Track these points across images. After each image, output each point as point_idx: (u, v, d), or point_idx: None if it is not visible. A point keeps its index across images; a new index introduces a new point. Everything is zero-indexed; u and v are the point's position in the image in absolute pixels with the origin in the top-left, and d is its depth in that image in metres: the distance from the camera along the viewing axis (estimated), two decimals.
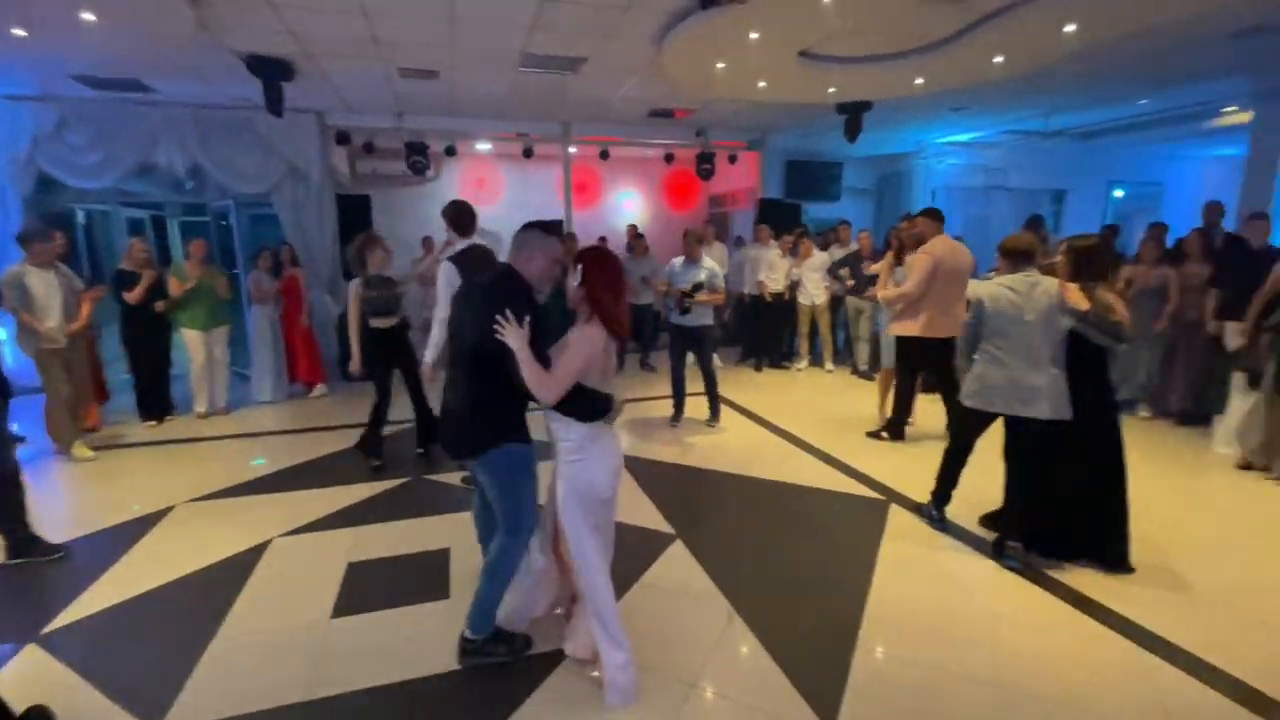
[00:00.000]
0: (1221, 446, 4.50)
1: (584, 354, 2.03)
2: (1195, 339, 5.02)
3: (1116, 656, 2.38)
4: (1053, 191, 10.62)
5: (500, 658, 2.34)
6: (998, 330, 2.95)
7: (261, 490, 4.02)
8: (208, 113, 6.59)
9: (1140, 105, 7.27)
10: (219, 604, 2.75)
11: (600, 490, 2.13)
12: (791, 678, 2.25)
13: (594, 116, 7.74)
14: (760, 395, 6.26)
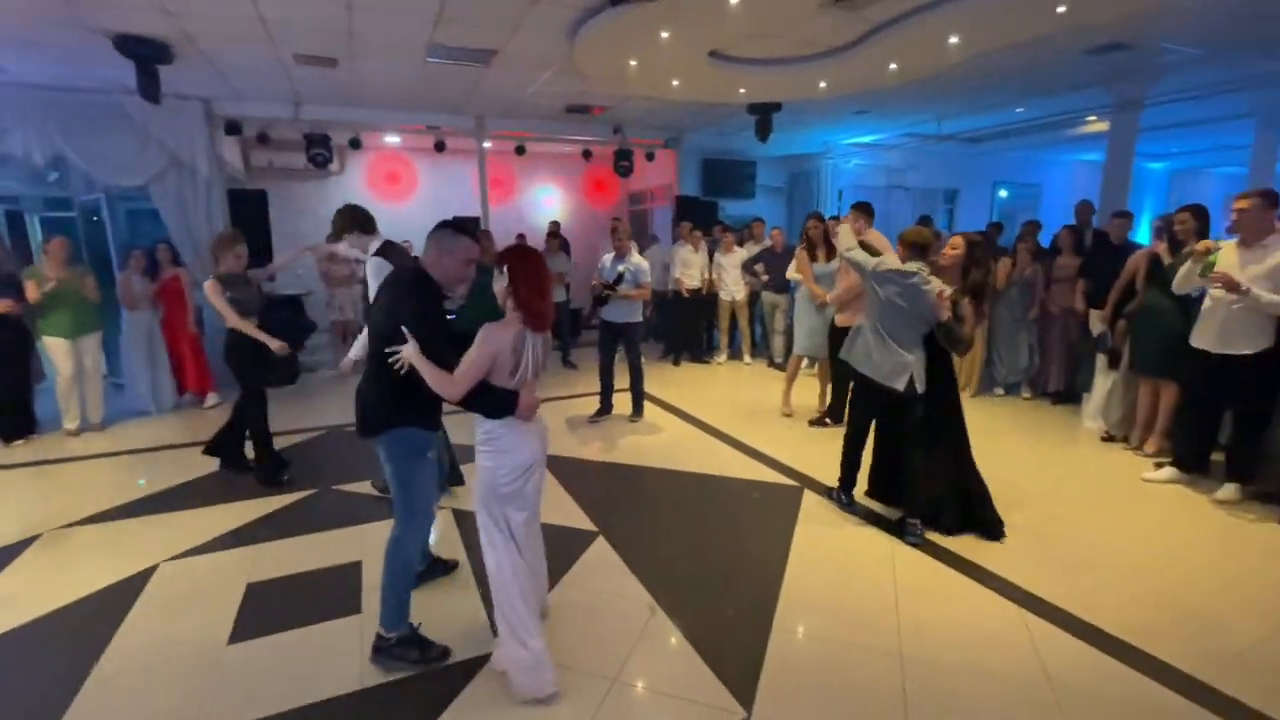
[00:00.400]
0: (1088, 421, 5.00)
1: (488, 351, 2.03)
2: (1067, 325, 5.56)
3: (1004, 619, 2.60)
4: (946, 191, 11.42)
5: (407, 665, 2.28)
6: (881, 310, 3.26)
7: (144, 512, 3.68)
8: (71, 96, 5.92)
9: (1017, 113, 7.94)
10: (97, 637, 2.49)
11: (500, 484, 2.13)
12: (712, 665, 2.31)
13: (509, 111, 7.58)
14: (681, 389, 6.36)
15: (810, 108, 7.14)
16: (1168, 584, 2.83)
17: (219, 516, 3.57)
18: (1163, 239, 4.34)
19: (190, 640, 2.48)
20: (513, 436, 2.14)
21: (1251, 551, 3.11)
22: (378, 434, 2.25)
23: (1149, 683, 2.21)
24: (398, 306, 2.15)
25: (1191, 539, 3.24)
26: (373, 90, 6.58)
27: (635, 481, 4.12)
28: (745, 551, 3.17)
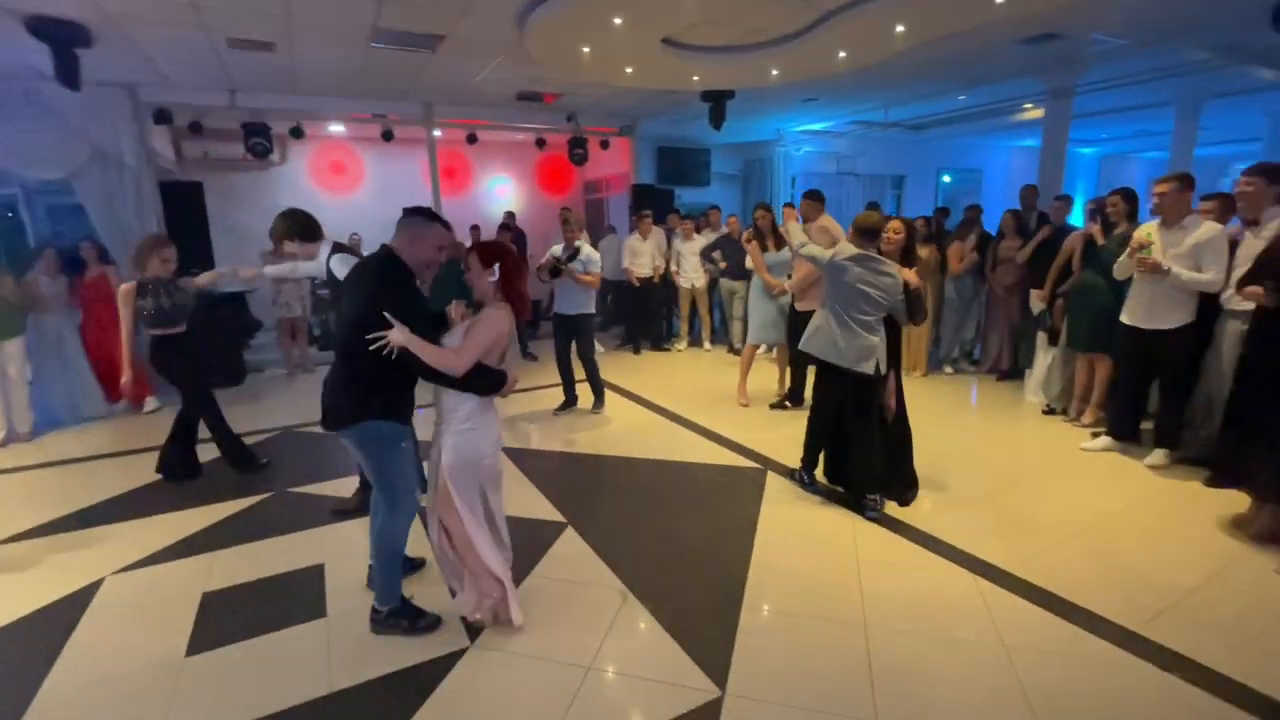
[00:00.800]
0: (1030, 396, 5.26)
1: (493, 333, 2.20)
2: (1010, 305, 5.82)
3: (954, 584, 2.73)
4: (894, 177, 11.75)
5: (398, 630, 2.42)
6: (842, 298, 3.30)
7: (84, 525, 3.49)
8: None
9: (959, 100, 8.22)
10: (41, 655, 2.36)
11: (486, 457, 2.30)
12: (685, 647, 2.35)
13: (458, 98, 7.40)
14: (642, 377, 6.40)
15: (762, 95, 7.22)
16: (1106, 544, 3.02)
17: (167, 525, 3.42)
18: (1096, 221, 4.58)
19: (145, 654, 2.38)
20: (489, 416, 2.31)
21: (1179, 512, 3.34)
22: (346, 427, 2.27)
23: (1090, 637, 2.36)
24: (379, 292, 2.17)
25: (1126, 503, 3.46)
26: (314, 77, 6.32)
27: (600, 471, 4.13)
28: (712, 534, 3.23)
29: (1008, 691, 2.10)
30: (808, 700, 2.08)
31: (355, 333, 2.12)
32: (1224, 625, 2.41)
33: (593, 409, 5.25)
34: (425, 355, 2.10)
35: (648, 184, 9.27)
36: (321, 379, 2.40)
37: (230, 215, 8.22)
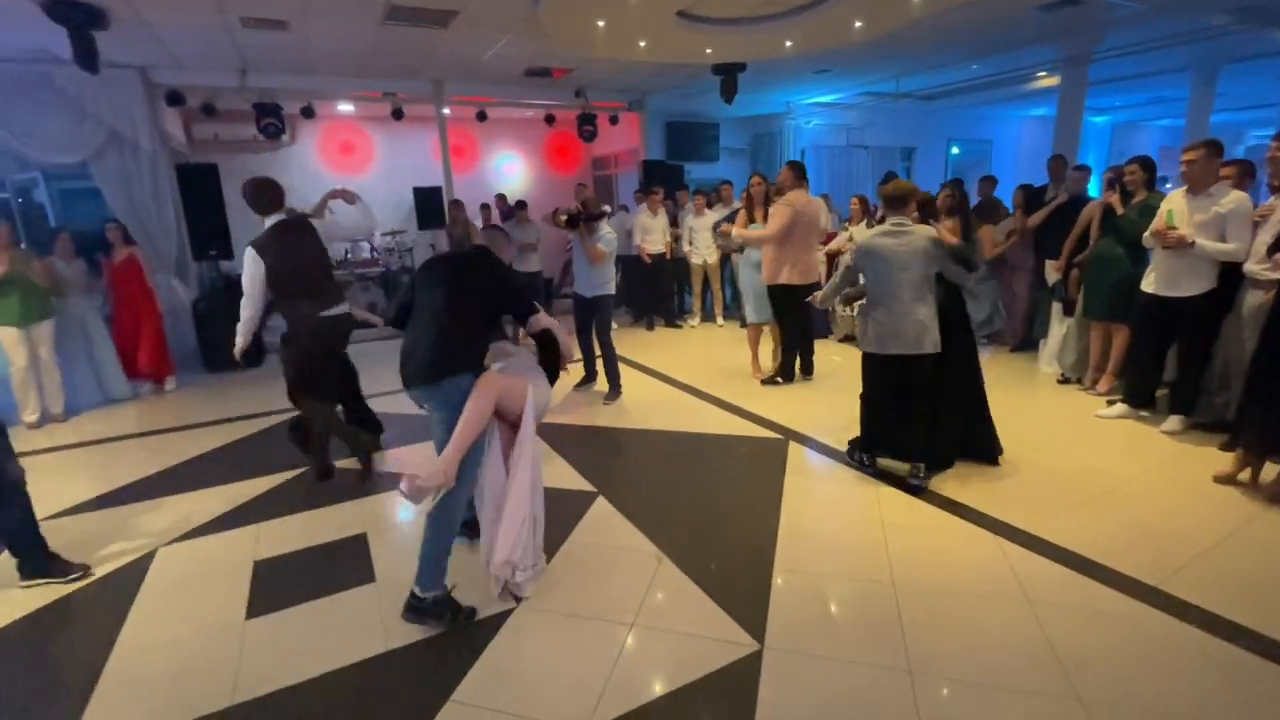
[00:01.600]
0: (1045, 366, 5.32)
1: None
2: (1022, 276, 5.84)
3: (978, 545, 2.82)
4: (903, 148, 11.65)
5: (435, 626, 2.34)
6: (883, 278, 3.22)
7: (129, 500, 3.60)
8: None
9: (972, 70, 8.12)
10: (107, 624, 2.48)
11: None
12: (722, 604, 2.45)
13: (467, 75, 7.37)
14: (658, 353, 6.47)
15: (773, 68, 7.15)
16: (1125, 506, 3.10)
17: (210, 500, 3.53)
18: (1114, 190, 4.58)
19: (207, 618, 2.50)
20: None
21: (1196, 474, 3.42)
22: (434, 382, 2.40)
23: (1112, 592, 2.45)
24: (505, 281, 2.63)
25: (1143, 467, 3.54)
26: (324, 56, 6.30)
27: (625, 443, 4.22)
28: (740, 501, 3.32)
29: (1034, 641, 2.20)
30: (844, 651, 2.19)
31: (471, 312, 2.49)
32: (1242, 580, 2.50)
33: (606, 398, 5.01)
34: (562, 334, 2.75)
35: (657, 160, 9.23)
36: None
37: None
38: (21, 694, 2.16)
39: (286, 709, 2.04)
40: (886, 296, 3.24)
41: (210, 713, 2.02)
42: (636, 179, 9.09)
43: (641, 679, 2.11)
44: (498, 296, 2.57)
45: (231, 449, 4.35)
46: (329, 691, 2.10)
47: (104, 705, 2.07)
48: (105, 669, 2.23)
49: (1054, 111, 7.38)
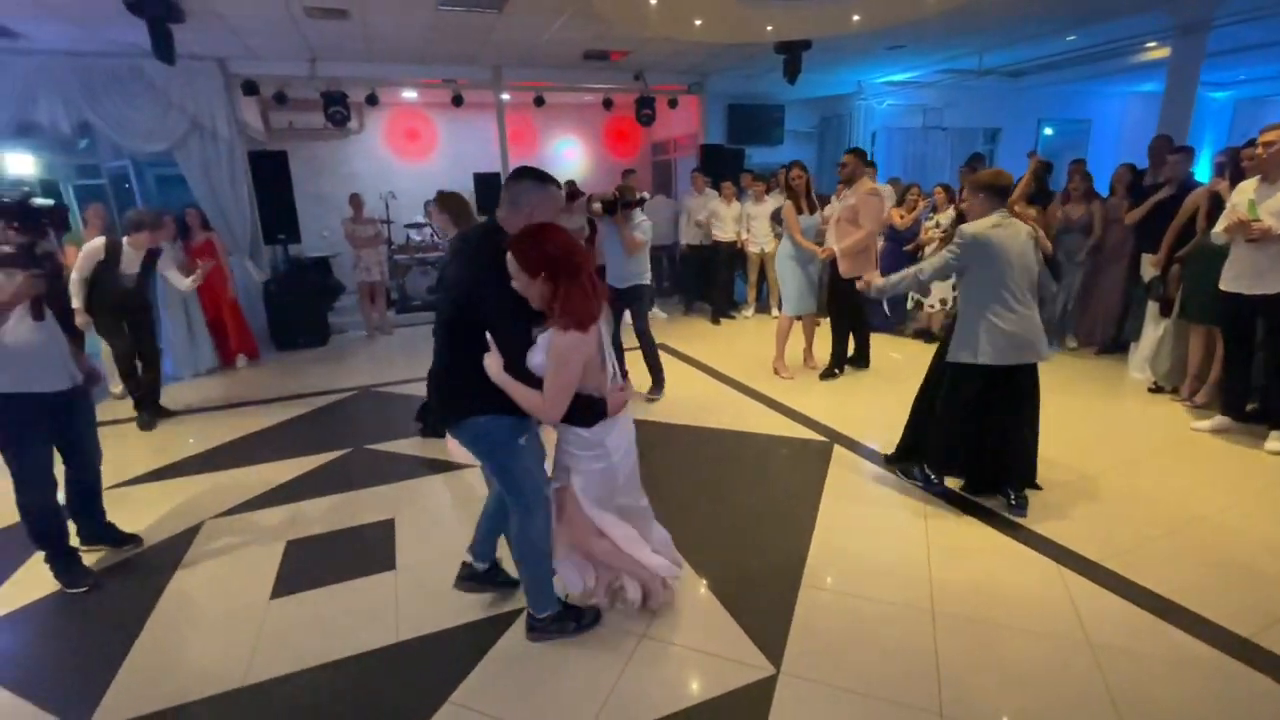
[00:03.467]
0: (1135, 372, 4.79)
1: (570, 369, 1.81)
2: (1115, 271, 5.27)
3: (1036, 574, 2.54)
4: (987, 130, 10.81)
5: (568, 634, 2.24)
6: (1000, 277, 2.81)
7: (189, 471, 3.81)
8: (91, 61, 5.90)
9: (1067, 42, 7.37)
10: (147, 593, 2.61)
11: (619, 481, 2.09)
12: (740, 622, 2.31)
13: (524, 60, 7.34)
14: (708, 345, 6.29)
15: (841, 45, 6.73)
16: (1214, 539, 2.72)
17: (258, 476, 3.68)
18: (1224, 175, 4.03)
19: (234, 595, 2.59)
20: (614, 434, 2.02)
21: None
22: (456, 424, 2.05)
23: (1193, 641, 2.14)
24: (475, 287, 1.90)
25: (1240, 492, 3.11)
26: (386, 43, 6.41)
27: (663, 438, 4.10)
28: (774, 507, 3.15)
29: (1092, 694, 1.94)
30: (865, 685, 2.00)
31: (453, 320, 1.96)
32: None
33: (649, 394, 4.73)
34: (518, 398, 1.85)
35: (717, 144, 8.94)
36: (399, 341, 2.42)
37: (313, 183, 8.60)
38: (59, 656, 2.30)
39: (289, 696, 2.07)
40: (1007, 298, 2.81)
41: (221, 692, 2.07)
42: (696, 163, 8.85)
43: (644, 696, 2.01)
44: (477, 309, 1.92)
45: (287, 426, 4.53)
46: (333, 680, 2.12)
47: (131, 677, 2.17)
48: (138, 640, 2.34)
49: (1163, 87, 6.60)
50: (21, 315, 2.36)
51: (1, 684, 2.14)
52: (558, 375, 1.80)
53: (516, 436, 2.02)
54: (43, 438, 2.52)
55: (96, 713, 2.00)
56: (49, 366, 2.46)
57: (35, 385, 2.41)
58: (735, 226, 7.23)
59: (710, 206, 7.29)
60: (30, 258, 2.29)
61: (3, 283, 2.31)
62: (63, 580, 2.63)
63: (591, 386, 1.91)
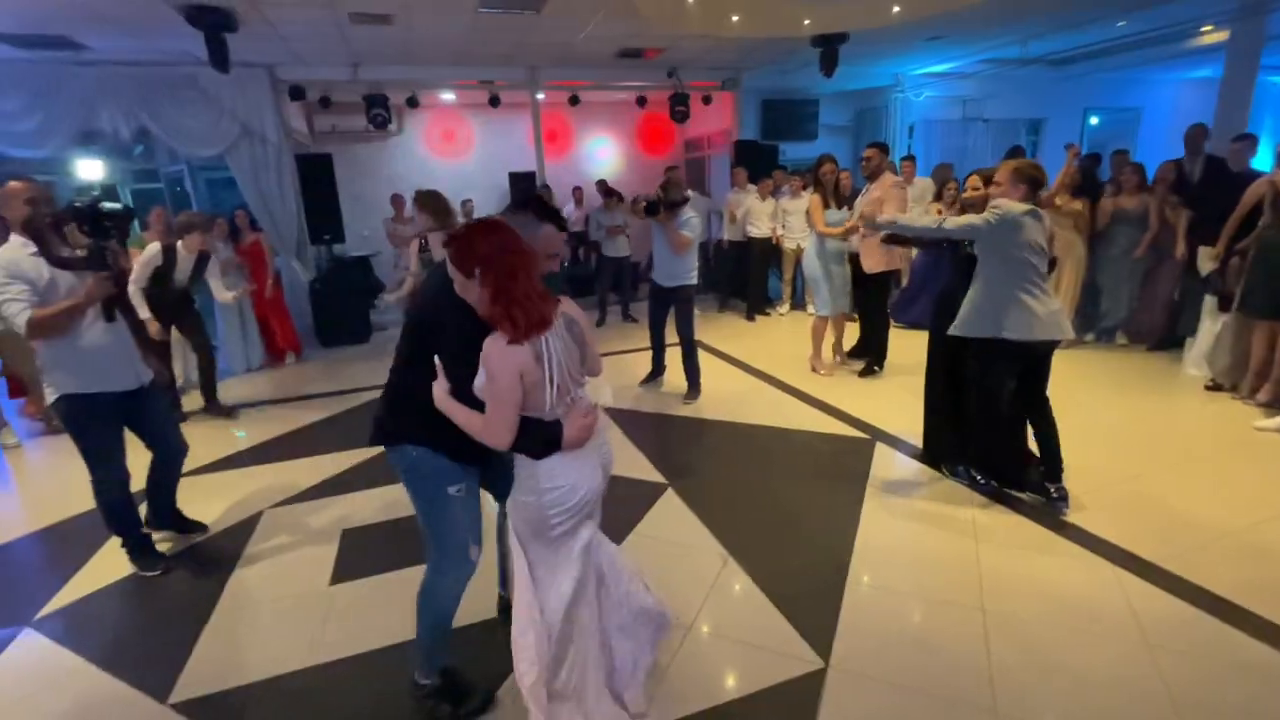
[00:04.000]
0: (1192, 369, 4.63)
1: (506, 375, 1.52)
2: (1168, 265, 5.09)
3: (1091, 574, 2.49)
4: (1030, 121, 10.52)
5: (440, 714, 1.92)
6: (1028, 260, 2.81)
7: (246, 464, 3.97)
8: (148, 71, 6.17)
9: (1117, 28, 7.13)
10: (215, 578, 2.74)
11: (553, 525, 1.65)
12: (787, 615, 2.33)
13: (560, 60, 7.41)
14: (743, 341, 6.28)
15: (879, 37, 6.63)
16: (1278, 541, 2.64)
17: (311, 468, 3.82)
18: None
19: (298, 581, 2.70)
20: (569, 469, 1.64)
21: None
22: (390, 446, 1.82)
23: (1256, 643, 2.08)
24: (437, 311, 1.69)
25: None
26: (425, 47, 6.55)
27: (701, 434, 4.12)
28: (816, 504, 3.14)
29: (1152, 696, 1.91)
30: (918, 681, 2.00)
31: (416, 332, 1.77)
32: None
33: (685, 398, 4.68)
34: (461, 423, 1.60)
35: (751, 140, 8.90)
36: None
37: (355, 184, 8.82)
38: (138, 635, 2.44)
39: (354, 675, 2.16)
40: (1036, 279, 2.83)
41: (291, 671, 2.17)
42: (729, 160, 8.82)
43: (696, 686, 2.04)
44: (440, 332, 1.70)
45: (338, 420, 4.68)
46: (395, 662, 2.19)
47: (205, 654, 2.29)
48: (210, 620, 2.47)
49: (1220, 73, 6.33)
50: (93, 318, 2.50)
51: (89, 659, 2.28)
52: (490, 389, 1.54)
53: (448, 483, 1.77)
54: (114, 435, 2.66)
55: (176, 687, 2.12)
56: (118, 367, 2.59)
57: (106, 385, 2.54)
58: (770, 222, 7.22)
59: (746, 202, 7.28)
60: (100, 261, 2.41)
61: (74, 286, 2.45)
62: (137, 564, 2.78)
63: (534, 407, 1.58)
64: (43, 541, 3.16)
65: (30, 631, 2.46)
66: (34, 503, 3.63)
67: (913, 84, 9.48)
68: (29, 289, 2.34)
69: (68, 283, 2.44)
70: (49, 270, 2.40)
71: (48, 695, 2.13)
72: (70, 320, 2.41)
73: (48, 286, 2.39)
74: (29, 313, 2.32)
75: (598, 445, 1.72)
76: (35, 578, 2.86)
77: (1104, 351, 5.34)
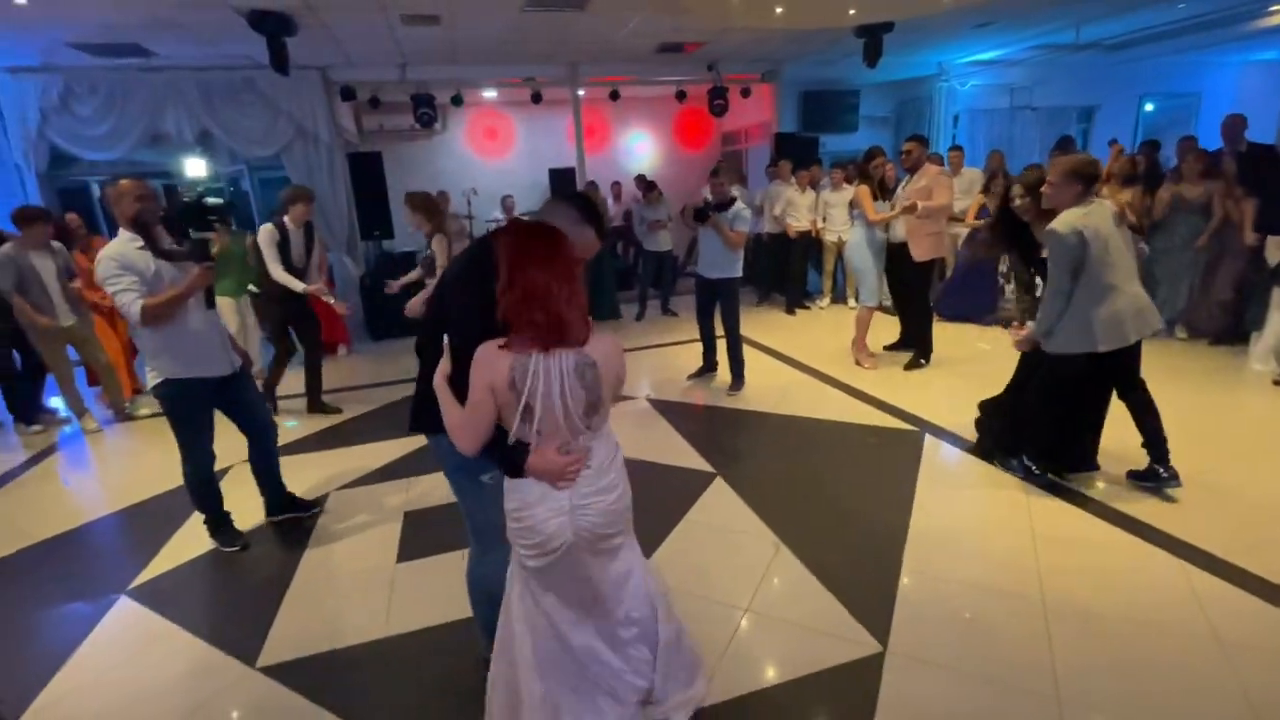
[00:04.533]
0: (1258, 364, 4.46)
1: (479, 379, 1.45)
2: (1231, 256, 4.91)
3: (1154, 566, 2.45)
4: (1081, 109, 10.18)
5: None
6: (1104, 261, 2.74)
7: (310, 449, 4.15)
8: (209, 75, 6.45)
9: (1178, 10, 6.85)
10: (291, 554, 2.90)
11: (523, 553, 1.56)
12: (842, 600, 2.35)
13: (601, 56, 7.48)
14: (785, 335, 6.27)
15: (924, 24, 6.51)
16: None
17: (372, 454, 3.97)
18: None
19: (366, 558, 2.84)
20: (531, 503, 1.51)
21: None
22: (428, 436, 1.80)
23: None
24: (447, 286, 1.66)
25: None
26: (470, 46, 6.68)
27: (747, 426, 4.15)
28: (866, 494, 3.15)
29: (1226, 692, 1.88)
30: (979, 667, 2.01)
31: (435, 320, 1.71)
32: None
33: (730, 389, 4.71)
34: (443, 408, 1.54)
35: (790, 132, 8.83)
36: None
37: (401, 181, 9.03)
38: (223, 604, 2.61)
39: (425, 647, 2.27)
40: (1111, 279, 2.76)
41: (366, 641, 2.30)
42: (768, 153, 8.78)
43: (755, 665, 2.09)
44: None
45: (392, 409, 4.84)
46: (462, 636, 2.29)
47: (286, 623, 2.43)
48: (288, 593, 2.61)
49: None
50: (195, 305, 2.66)
51: (181, 625, 2.45)
52: (469, 409, 1.48)
53: (480, 472, 1.73)
54: (207, 418, 2.83)
55: (262, 653, 2.26)
56: (214, 352, 2.76)
57: (204, 370, 2.72)
58: (810, 215, 7.17)
59: (785, 194, 7.24)
60: (203, 252, 2.58)
61: (175, 276, 2.62)
62: (218, 540, 2.96)
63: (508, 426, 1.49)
64: (129, 519, 3.38)
65: (126, 599, 2.64)
66: (117, 483, 3.86)
67: (958, 73, 9.27)
68: (139, 279, 2.52)
69: (170, 274, 2.62)
70: (154, 262, 2.58)
71: (146, 657, 2.30)
72: (176, 308, 2.58)
73: (154, 277, 2.57)
74: (140, 302, 2.50)
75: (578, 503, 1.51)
76: (125, 551, 3.07)
77: (1163, 345, 5.16)
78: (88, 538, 3.22)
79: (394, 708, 2.04)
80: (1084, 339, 2.81)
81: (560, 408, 1.45)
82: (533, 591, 1.61)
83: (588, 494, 1.52)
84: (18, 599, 2.69)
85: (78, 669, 2.26)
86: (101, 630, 2.45)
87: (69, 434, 4.69)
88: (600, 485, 1.54)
